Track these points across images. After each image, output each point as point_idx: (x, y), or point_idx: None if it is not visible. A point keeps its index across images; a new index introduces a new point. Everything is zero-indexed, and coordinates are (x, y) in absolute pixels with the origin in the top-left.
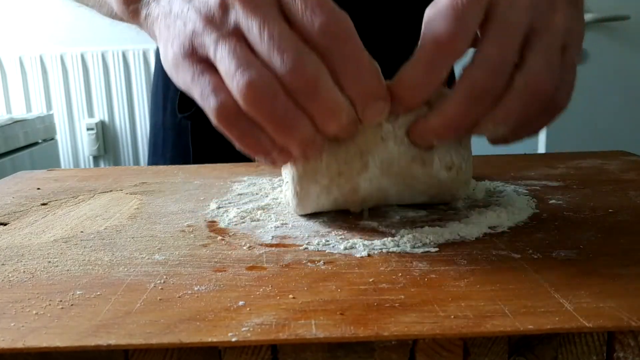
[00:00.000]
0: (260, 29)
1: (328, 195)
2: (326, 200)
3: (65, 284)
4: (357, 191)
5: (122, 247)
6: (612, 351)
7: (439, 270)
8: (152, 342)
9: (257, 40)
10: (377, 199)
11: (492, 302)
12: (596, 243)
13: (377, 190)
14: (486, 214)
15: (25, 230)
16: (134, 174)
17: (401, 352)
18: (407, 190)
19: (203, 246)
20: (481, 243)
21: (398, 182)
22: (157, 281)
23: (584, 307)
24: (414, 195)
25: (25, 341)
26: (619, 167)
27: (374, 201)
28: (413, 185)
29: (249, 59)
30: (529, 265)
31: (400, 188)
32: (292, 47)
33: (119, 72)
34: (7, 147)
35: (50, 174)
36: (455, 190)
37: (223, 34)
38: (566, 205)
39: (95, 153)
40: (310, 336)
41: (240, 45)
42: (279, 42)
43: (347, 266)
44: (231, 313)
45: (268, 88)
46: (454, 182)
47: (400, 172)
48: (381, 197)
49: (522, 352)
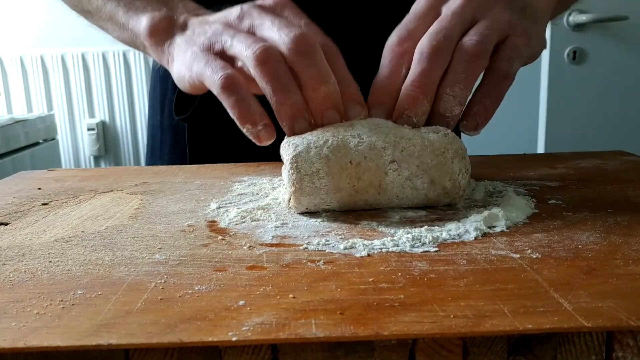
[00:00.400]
0: (271, 21)
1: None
2: (325, 197)
3: (66, 284)
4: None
5: (122, 246)
6: (612, 351)
7: (438, 270)
8: (153, 341)
9: (268, 28)
10: (376, 199)
11: (492, 302)
12: (595, 243)
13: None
14: (485, 214)
15: (26, 230)
16: (135, 174)
17: (401, 352)
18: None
19: (203, 246)
20: (480, 243)
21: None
22: (158, 281)
23: (583, 307)
24: (414, 195)
25: (26, 341)
26: (619, 167)
27: (373, 199)
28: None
29: (261, 39)
30: (528, 265)
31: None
32: (296, 27)
33: (119, 72)
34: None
35: (51, 174)
36: (454, 196)
37: (239, 30)
38: (565, 205)
39: (96, 153)
40: (310, 336)
41: (253, 35)
42: (286, 24)
43: (347, 266)
44: (231, 313)
45: (276, 54)
46: (443, 143)
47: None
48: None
49: (521, 351)
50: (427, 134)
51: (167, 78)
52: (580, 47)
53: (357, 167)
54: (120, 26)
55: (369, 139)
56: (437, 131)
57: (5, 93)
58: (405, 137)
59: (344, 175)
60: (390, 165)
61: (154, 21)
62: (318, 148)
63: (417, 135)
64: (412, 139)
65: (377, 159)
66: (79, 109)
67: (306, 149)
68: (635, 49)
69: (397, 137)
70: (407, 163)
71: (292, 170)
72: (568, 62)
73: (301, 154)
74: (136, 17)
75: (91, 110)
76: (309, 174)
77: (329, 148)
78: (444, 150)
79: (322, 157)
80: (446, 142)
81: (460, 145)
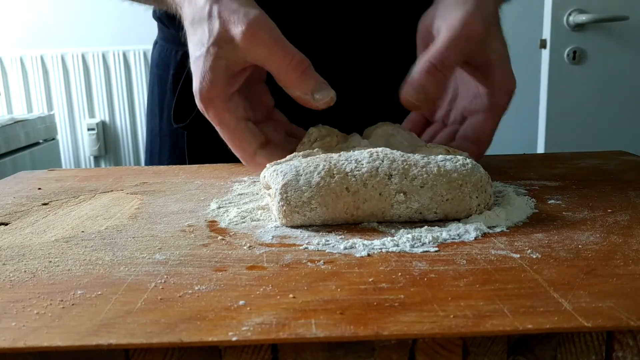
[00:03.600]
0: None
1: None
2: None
3: (66, 284)
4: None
5: (122, 246)
6: (611, 351)
7: (438, 270)
8: (153, 341)
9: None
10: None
11: (492, 302)
12: (595, 243)
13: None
14: (485, 214)
15: (26, 230)
16: (135, 174)
17: (401, 352)
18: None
19: (203, 246)
20: (480, 243)
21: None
22: (158, 281)
23: (583, 307)
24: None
25: (26, 341)
26: (618, 167)
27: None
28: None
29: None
30: (528, 265)
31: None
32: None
33: (119, 72)
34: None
35: (51, 174)
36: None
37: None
38: (565, 205)
39: (96, 153)
40: (310, 336)
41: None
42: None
43: (347, 266)
44: (231, 312)
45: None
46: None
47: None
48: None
49: (521, 351)
50: (443, 162)
51: (165, 81)
52: (580, 47)
53: (355, 196)
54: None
55: (370, 164)
56: (455, 160)
57: (5, 93)
58: (417, 165)
59: (340, 205)
60: (397, 196)
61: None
62: (308, 175)
63: (431, 162)
64: (426, 166)
65: (380, 187)
66: (79, 109)
67: (295, 177)
68: (635, 49)
69: (407, 165)
70: (417, 194)
71: (282, 202)
72: (568, 62)
73: (291, 183)
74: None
75: (91, 110)
76: (299, 204)
77: (320, 174)
78: (462, 184)
79: (313, 185)
80: (465, 173)
81: (481, 176)
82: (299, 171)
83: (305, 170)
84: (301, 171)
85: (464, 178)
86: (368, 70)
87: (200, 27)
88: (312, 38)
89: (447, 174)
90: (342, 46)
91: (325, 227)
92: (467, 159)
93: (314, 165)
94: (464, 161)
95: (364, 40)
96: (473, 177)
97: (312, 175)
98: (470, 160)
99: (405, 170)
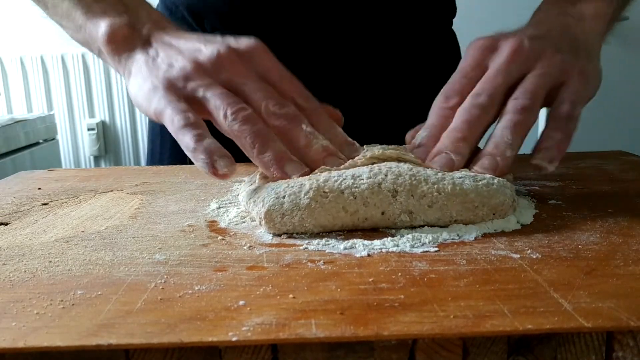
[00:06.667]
0: (254, 84)
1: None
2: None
3: (66, 284)
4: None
5: (123, 246)
6: (611, 351)
7: (438, 270)
8: (153, 341)
9: (251, 91)
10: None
11: (492, 302)
12: (595, 243)
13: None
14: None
15: (27, 230)
16: (135, 174)
17: (401, 352)
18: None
19: (203, 246)
20: (480, 243)
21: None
22: (158, 281)
23: (583, 307)
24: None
25: (26, 341)
26: (619, 167)
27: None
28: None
29: (240, 101)
30: (528, 265)
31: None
32: (281, 98)
33: None
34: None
35: (51, 174)
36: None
37: (213, 82)
38: (565, 206)
39: (96, 153)
40: (310, 336)
41: (229, 92)
42: (271, 94)
43: (347, 266)
44: (231, 313)
45: (257, 120)
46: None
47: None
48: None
49: (521, 352)
50: (461, 179)
51: None
52: None
53: (354, 216)
54: (77, 26)
55: (371, 180)
56: (480, 179)
57: (5, 93)
58: (427, 181)
59: (338, 226)
60: (402, 216)
61: (113, 28)
62: (293, 196)
63: (446, 178)
64: (438, 183)
65: (383, 205)
66: (79, 109)
67: (276, 200)
68: (635, 49)
69: (415, 180)
70: (424, 214)
71: (269, 230)
72: None
73: (274, 208)
74: (95, 21)
75: (91, 110)
76: (290, 229)
77: (308, 195)
78: (478, 205)
79: (302, 207)
80: (485, 194)
81: (504, 199)
82: (278, 194)
83: (288, 192)
84: (281, 193)
85: (481, 200)
86: (372, 82)
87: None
88: (317, 48)
89: (462, 194)
90: (346, 57)
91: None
92: (496, 178)
93: (298, 184)
94: (490, 180)
95: (368, 53)
96: (494, 200)
97: (297, 197)
98: (498, 180)
99: (413, 186)
